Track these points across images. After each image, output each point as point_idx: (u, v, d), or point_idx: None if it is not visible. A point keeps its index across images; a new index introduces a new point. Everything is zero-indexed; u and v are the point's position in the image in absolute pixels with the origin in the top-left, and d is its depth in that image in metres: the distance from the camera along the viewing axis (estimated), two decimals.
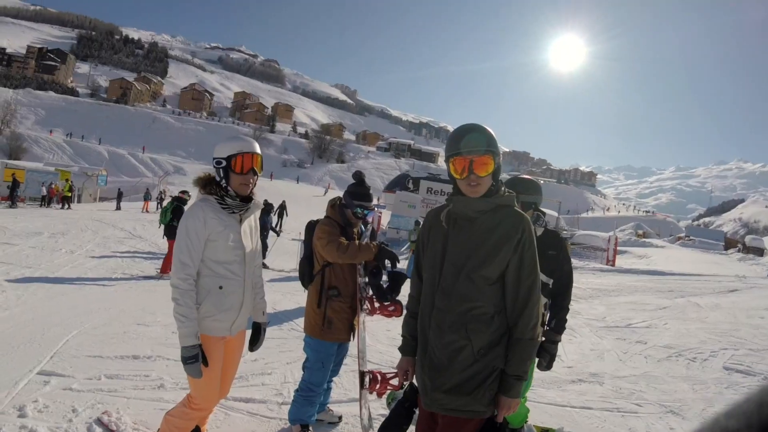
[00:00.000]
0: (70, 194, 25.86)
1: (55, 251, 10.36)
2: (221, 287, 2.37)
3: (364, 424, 3.06)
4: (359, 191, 3.12)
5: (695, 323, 8.23)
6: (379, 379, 3.00)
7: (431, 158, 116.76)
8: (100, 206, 26.07)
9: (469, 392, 1.79)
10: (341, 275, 3.07)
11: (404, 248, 17.38)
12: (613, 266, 19.19)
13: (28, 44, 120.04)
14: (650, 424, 3.91)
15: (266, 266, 11.62)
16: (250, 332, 2.69)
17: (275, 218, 22.48)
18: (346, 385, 3.91)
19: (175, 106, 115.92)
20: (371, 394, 3.02)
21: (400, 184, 24.84)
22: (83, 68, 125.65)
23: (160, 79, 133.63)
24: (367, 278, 3.14)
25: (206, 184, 2.43)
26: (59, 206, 25.53)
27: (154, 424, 2.90)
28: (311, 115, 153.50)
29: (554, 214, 42.36)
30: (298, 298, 6.65)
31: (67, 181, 27.62)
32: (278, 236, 18.30)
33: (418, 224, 14.11)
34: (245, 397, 3.53)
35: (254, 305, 2.62)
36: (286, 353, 4.63)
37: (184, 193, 10.00)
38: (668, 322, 8.32)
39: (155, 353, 4.37)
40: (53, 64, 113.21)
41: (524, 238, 1.81)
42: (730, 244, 47.14)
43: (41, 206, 25.42)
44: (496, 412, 1.85)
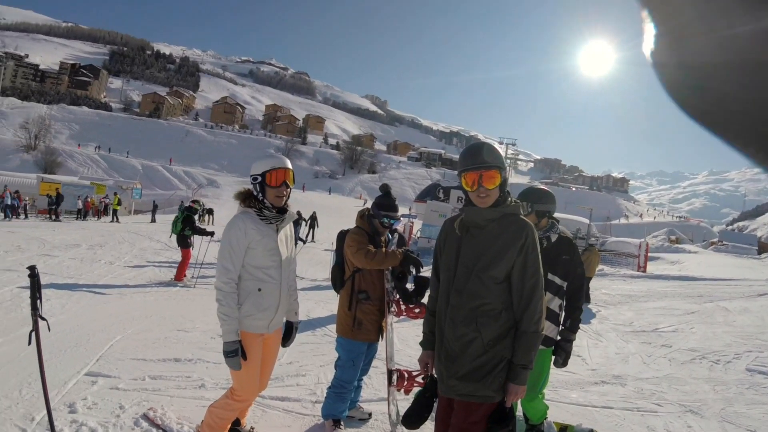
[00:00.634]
0: (118, 207, 26.69)
1: (94, 262, 10.84)
2: (260, 289, 2.66)
3: (392, 420, 3.29)
4: (386, 202, 3.38)
5: (722, 327, 8.17)
6: (406, 377, 3.25)
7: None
8: (135, 219, 26.98)
9: (479, 379, 2.03)
10: (370, 280, 3.33)
11: None
12: (644, 272, 18.90)
13: (61, 60, 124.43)
14: (669, 422, 4.00)
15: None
16: None
17: (306, 228, 22.99)
18: (375, 385, 4.12)
19: (207, 119, 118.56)
20: (399, 391, 3.26)
21: (431, 193, 24.92)
22: (116, 83, 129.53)
23: (192, 93, 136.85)
24: (393, 283, 3.39)
25: (245, 198, 2.73)
26: (108, 218, 26.53)
27: (196, 419, 3.16)
28: (342, 126, 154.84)
29: (585, 221, 41.86)
30: (330, 305, 6.91)
31: (115, 194, 28.61)
32: (304, 243, 18.69)
33: None
34: (281, 396, 3.78)
35: (288, 306, 2.90)
36: (319, 357, 4.89)
37: (195, 202, 10.50)
38: (695, 326, 8.27)
39: (195, 356, 4.67)
40: (86, 79, 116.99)
41: (527, 242, 2.04)
42: (764, 248, 45.47)
43: (77, 219, 26.32)
44: (505, 397, 2.07)
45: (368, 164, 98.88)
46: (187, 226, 9.53)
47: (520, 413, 3.41)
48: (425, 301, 3.20)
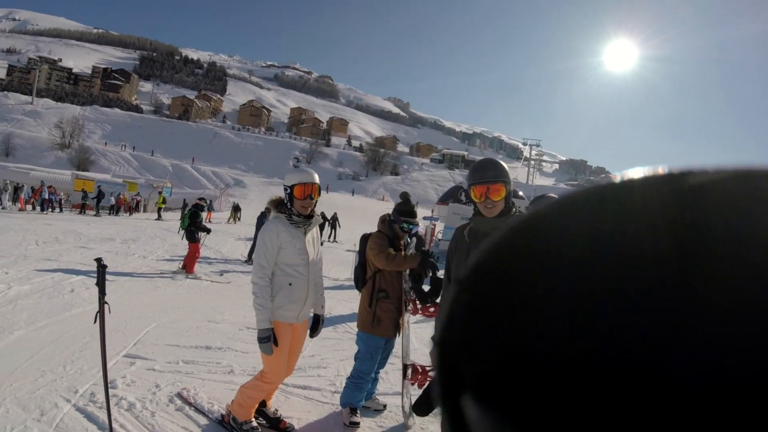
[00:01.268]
0: (163, 206, 27.63)
1: (128, 255, 11.31)
2: (290, 284, 2.97)
3: (405, 412, 3.51)
4: (405, 209, 3.66)
5: None
6: (420, 371, 3.47)
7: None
8: (165, 216, 27.76)
9: None
10: (389, 280, 3.58)
11: None
12: None
13: (93, 65, 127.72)
14: None
15: None
16: None
17: (328, 228, 23.34)
18: (392, 380, 4.32)
19: (234, 121, 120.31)
20: (413, 385, 3.47)
21: (452, 196, 24.83)
22: (146, 87, 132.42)
23: (219, 96, 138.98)
24: (410, 283, 3.64)
25: (278, 205, 3.08)
26: (152, 214, 27.48)
27: (225, 400, 3.43)
28: (365, 128, 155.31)
29: None
30: (351, 304, 7.14)
31: (160, 193, 29.53)
32: (321, 245, 18.97)
33: None
34: (303, 384, 4.02)
35: (315, 300, 3.19)
36: (339, 351, 5.12)
37: (201, 200, 11.14)
38: None
39: (225, 345, 4.96)
40: (118, 83, 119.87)
41: None
42: None
43: (110, 214, 27.27)
44: None
45: (391, 166, 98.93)
46: (192, 222, 9.94)
47: None
48: (439, 301, 3.42)
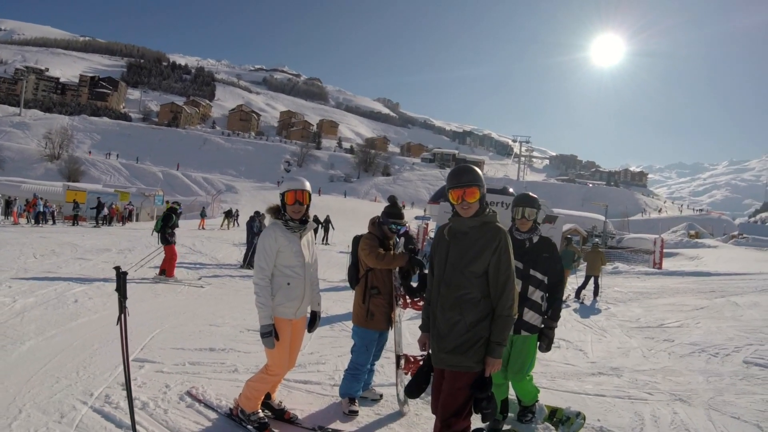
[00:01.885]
0: None
1: (126, 265, 11.47)
2: (289, 283, 3.25)
3: (400, 399, 3.81)
4: (392, 211, 3.96)
5: (728, 321, 8.28)
6: (411, 361, 3.77)
7: (476, 167, 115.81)
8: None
9: (463, 353, 2.55)
10: (380, 278, 3.88)
11: None
12: (659, 269, 18.75)
13: (80, 73, 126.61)
14: (656, 409, 4.23)
15: None
16: None
17: (321, 231, 23.61)
18: (387, 372, 4.60)
19: (224, 127, 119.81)
20: (406, 374, 3.76)
21: (444, 195, 25.09)
22: (134, 94, 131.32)
23: (208, 102, 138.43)
24: (400, 280, 3.95)
25: (275, 212, 3.37)
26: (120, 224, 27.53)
27: (232, 396, 3.68)
28: (355, 129, 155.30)
29: (601, 218, 41.39)
30: (346, 304, 7.39)
31: (167, 202, 29.60)
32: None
33: None
34: (304, 379, 4.31)
35: (312, 298, 3.45)
36: (337, 348, 5.40)
37: (175, 203, 11.65)
38: (701, 321, 8.38)
39: (228, 346, 5.23)
40: (105, 91, 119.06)
41: (501, 245, 2.56)
42: None
43: (103, 225, 27.21)
44: (484, 368, 2.58)
45: (382, 167, 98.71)
46: (166, 224, 10.20)
47: (513, 396, 3.83)
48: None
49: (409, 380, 2.91)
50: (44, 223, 24.37)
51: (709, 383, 5.06)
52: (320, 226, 22.96)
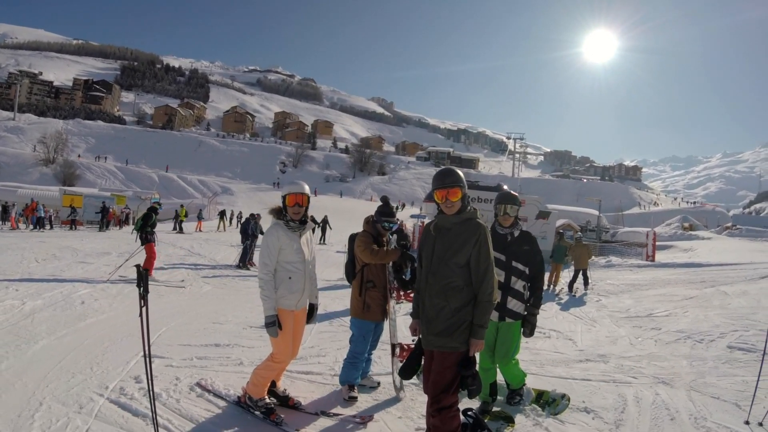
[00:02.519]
0: (185, 218, 27.80)
1: (127, 268, 11.66)
2: (290, 278, 3.54)
3: (396, 385, 4.09)
4: (385, 210, 4.24)
5: (716, 310, 8.45)
6: (405, 348, 4.05)
7: (471, 164, 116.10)
8: (156, 228, 28.01)
9: (449, 335, 2.85)
10: (375, 272, 4.17)
11: None
12: (652, 261, 18.98)
13: (74, 77, 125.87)
14: (639, 391, 4.45)
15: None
16: None
17: (318, 231, 23.80)
18: (384, 363, 4.85)
19: (218, 129, 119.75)
20: (401, 362, 4.02)
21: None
22: (128, 97, 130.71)
23: (202, 104, 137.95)
24: (393, 274, 4.26)
25: (277, 213, 3.65)
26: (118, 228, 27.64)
27: (239, 386, 3.93)
28: (350, 129, 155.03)
29: (595, 213, 41.78)
30: (344, 301, 7.63)
31: (181, 206, 29.80)
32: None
33: None
34: (306, 370, 4.59)
35: (311, 291, 3.75)
36: (336, 342, 5.68)
37: (156, 203, 11.96)
38: (689, 310, 8.56)
39: (232, 342, 5.50)
40: (99, 94, 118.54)
41: (480, 238, 2.86)
42: None
43: (100, 230, 27.36)
44: (469, 349, 2.86)
45: (378, 166, 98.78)
46: (145, 224, 10.43)
47: (501, 381, 4.10)
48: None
49: (403, 363, 3.19)
50: (44, 228, 24.48)
51: (692, 367, 5.25)
52: (317, 226, 23.17)
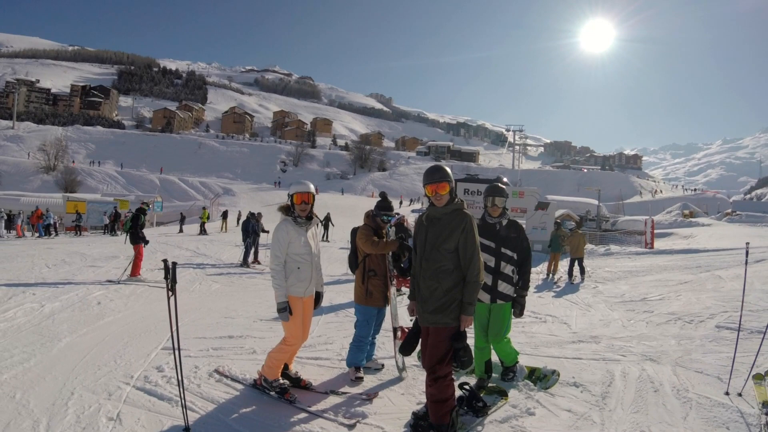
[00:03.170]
0: (207, 220, 28.29)
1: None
2: (299, 267, 3.90)
3: (399, 366, 4.43)
4: (384, 204, 4.60)
5: (708, 293, 8.68)
6: (405, 331, 4.37)
7: (471, 158, 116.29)
8: (160, 230, 28.38)
9: (442, 312, 3.20)
10: (376, 261, 4.52)
11: None
12: (651, 249, 19.17)
13: (71, 83, 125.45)
14: (627, 367, 4.71)
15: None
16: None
17: (322, 229, 24.11)
18: (387, 348, 5.19)
19: (218, 130, 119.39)
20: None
21: None
22: (126, 101, 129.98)
23: (201, 105, 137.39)
24: (392, 263, 4.60)
25: (285, 210, 4.01)
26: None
27: (254, 371, 4.27)
28: (349, 126, 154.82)
29: (595, 202, 42.04)
30: (349, 295, 7.96)
31: (204, 209, 30.27)
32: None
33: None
34: (315, 356, 4.96)
35: (317, 280, 4.10)
36: (342, 331, 6.05)
37: (144, 204, 12.26)
38: (683, 294, 8.79)
39: (245, 334, 5.86)
40: (97, 100, 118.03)
41: (467, 226, 3.22)
42: None
43: (104, 234, 27.71)
44: (460, 324, 3.21)
45: (378, 162, 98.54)
46: (134, 224, 10.71)
47: (496, 359, 4.44)
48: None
49: (402, 341, 3.54)
50: (50, 234, 24.79)
51: (680, 345, 5.51)
52: (320, 223, 23.41)
